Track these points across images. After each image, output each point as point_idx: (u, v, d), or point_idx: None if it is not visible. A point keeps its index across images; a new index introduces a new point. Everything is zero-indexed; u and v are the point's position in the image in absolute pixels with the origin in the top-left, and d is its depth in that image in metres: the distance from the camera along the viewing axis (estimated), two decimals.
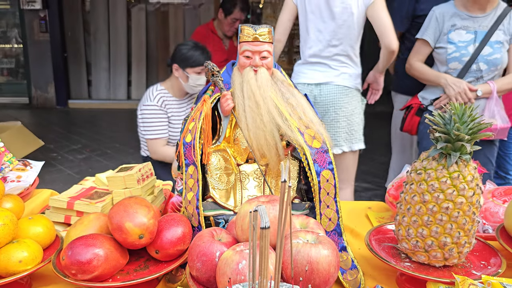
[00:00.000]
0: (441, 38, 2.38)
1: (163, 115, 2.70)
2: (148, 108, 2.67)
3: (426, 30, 2.42)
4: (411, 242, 1.02)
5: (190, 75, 2.65)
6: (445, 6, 2.39)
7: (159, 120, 2.69)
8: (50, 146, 5.28)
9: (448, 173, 0.96)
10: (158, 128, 2.69)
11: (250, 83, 1.12)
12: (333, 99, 2.43)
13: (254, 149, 1.12)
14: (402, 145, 2.98)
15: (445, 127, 0.97)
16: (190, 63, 2.64)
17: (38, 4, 7.01)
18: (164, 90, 2.75)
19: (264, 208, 0.67)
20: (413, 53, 2.53)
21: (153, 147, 2.71)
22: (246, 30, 1.13)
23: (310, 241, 0.88)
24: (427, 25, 2.42)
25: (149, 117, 2.68)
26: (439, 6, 2.41)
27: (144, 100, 2.74)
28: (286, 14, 2.52)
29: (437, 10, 2.40)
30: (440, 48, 2.39)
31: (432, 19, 2.40)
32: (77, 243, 0.93)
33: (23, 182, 1.45)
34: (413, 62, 2.52)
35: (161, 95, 2.71)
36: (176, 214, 1.08)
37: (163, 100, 2.71)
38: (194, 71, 2.65)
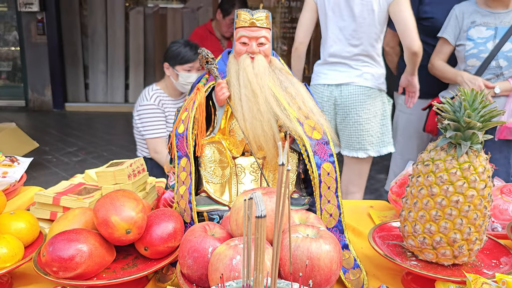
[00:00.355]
0: (461, 36, 2.36)
1: (161, 114, 2.65)
2: (146, 108, 2.63)
3: (446, 28, 2.40)
4: (418, 239, 0.96)
5: (180, 72, 2.61)
6: (465, 4, 2.38)
7: (157, 119, 2.64)
8: (45, 148, 5.21)
9: (458, 164, 0.90)
10: (157, 127, 2.64)
11: (247, 70, 1.06)
12: (354, 101, 2.34)
13: (250, 140, 1.05)
14: (403, 146, 2.91)
15: (454, 114, 0.90)
16: (179, 60, 2.61)
17: (36, 6, 6.95)
18: (159, 90, 2.70)
19: (259, 195, 0.61)
20: (435, 52, 2.49)
21: (154, 146, 2.66)
22: (243, 15, 1.07)
23: (311, 235, 0.82)
24: (447, 24, 2.40)
25: (147, 117, 2.63)
26: (460, 4, 2.39)
27: (140, 101, 2.69)
28: (307, 13, 2.43)
29: (457, 8, 2.38)
30: (460, 45, 2.37)
31: (452, 17, 2.38)
32: (59, 238, 0.86)
33: (8, 178, 1.39)
34: (435, 61, 2.48)
35: (157, 95, 2.67)
36: (167, 209, 1.02)
37: (160, 99, 2.66)
38: (183, 68, 2.61)
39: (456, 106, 0.91)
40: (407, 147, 2.89)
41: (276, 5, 8.30)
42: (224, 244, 0.78)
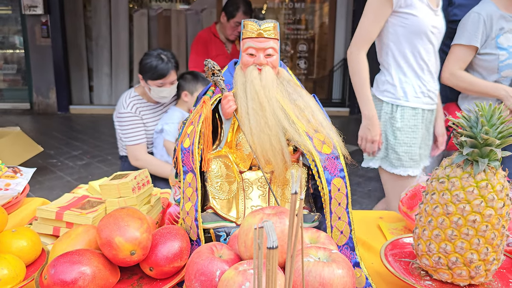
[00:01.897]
0: (488, 43, 2.17)
1: (139, 121, 2.62)
2: (124, 116, 2.60)
3: (474, 35, 2.18)
4: (433, 258, 0.92)
5: (152, 87, 2.53)
6: (488, 7, 2.17)
7: (135, 126, 2.61)
8: (50, 152, 5.20)
9: (475, 182, 0.86)
10: (136, 134, 2.62)
11: (254, 83, 1.03)
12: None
13: (258, 155, 1.02)
14: None
15: (471, 130, 0.87)
16: (150, 75, 2.52)
17: (40, 9, 6.96)
18: (137, 96, 2.64)
19: (271, 225, 0.58)
20: (453, 61, 2.27)
21: (134, 153, 2.63)
22: (250, 25, 1.04)
23: (322, 259, 0.78)
24: (475, 30, 2.17)
25: (125, 124, 2.61)
26: (483, 8, 2.17)
27: (118, 108, 2.66)
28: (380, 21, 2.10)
29: (483, 12, 2.16)
30: (488, 54, 2.19)
31: (480, 22, 2.15)
32: (61, 260, 0.83)
33: (11, 190, 1.36)
34: (455, 71, 2.26)
35: (134, 103, 2.62)
36: (173, 226, 0.99)
37: (137, 107, 2.62)
38: (154, 83, 2.52)
39: (473, 122, 0.87)
40: None
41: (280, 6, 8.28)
42: (233, 269, 0.75)
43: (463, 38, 2.22)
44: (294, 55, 8.35)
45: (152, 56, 2.54)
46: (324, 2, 8.23)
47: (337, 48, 8.17)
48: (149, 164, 2.61)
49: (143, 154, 2.63)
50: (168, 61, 2.53)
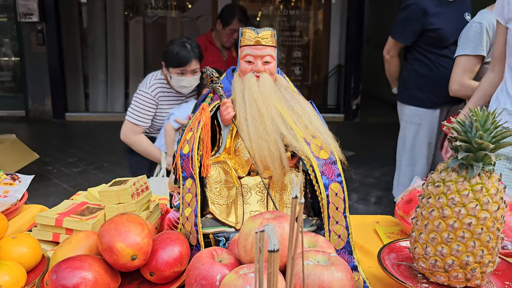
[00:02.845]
0: (491, 52, 2.17)
1: (152, 107, 2.58)
2: (141, 94, 2.56)
3: (479, 44, 2.21)
4: (429, 261, 0.94)
5: (172, 75, 2.50)
6: (488, 16, 2.21)
7: (146, 109, 2.57)
8: (46, 159, 5.19)
9: (470, 185, 0.88)
10: (142, 116, 2.58)
11: (252, 89, 1.05)
12: None
13: (256, 160, 1.04)
14: (412, 157, 2.88)
15: (465, 135, 0.89)
16: (171, 62, 2.48)
17: (36, 17, 6.96)
18: (162, 80, 2.60)
19: (272, 228, 0.59)
20: (460, 71, 2.29)
21: (129, 130, 2.60)
22: (248, 33, 1.06)
23: (321, 262, 0.80)
24: (479, 39, 2.20)
25: (139, 102, 2.56)
26: (483, 18, 2.21)
27: (142, 85, 2.61)
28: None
29: (484, 21, 2.20)
30: None
31: (483, 32, 2.19)
32: (63, 266, 0.84)
33: (10, 197, 1.37)
34: (464, 81, 2.28)
35: (157, 86, 2.57)
36: (173, 232, 1.00)
37: (158, 91, 2.57)
38: (175, 71, 2.49)
39: (467, 127, 0.89)
40: (415, 158, 2.87)
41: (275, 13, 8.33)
42: (233, 273, 0.76)
43: (468, 48, 2.24)
44: (288, 62, 8.40)
45: (176, 44, 2.49)
46: (319, 9, 8.30)
47: (332, 55, 8.22)
48: (138, 144, 2.62)
49: (136, 135, 2.61)
50: (191, 49, 2.47)
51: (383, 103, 3.82)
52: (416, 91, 2.72)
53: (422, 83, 2.71)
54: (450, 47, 2.60)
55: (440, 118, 2.75)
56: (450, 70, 2.55)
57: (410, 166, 2.87)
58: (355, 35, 7.47)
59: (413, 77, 2.74)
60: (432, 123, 2.74)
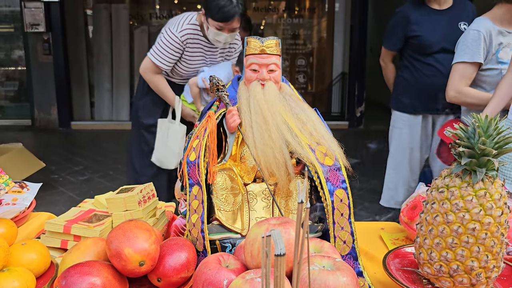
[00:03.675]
0: (489, 59, 2.21)
1: (178, 51, 2.43)
2: (170, 36, 2.40)
3: (476, 51, 2.21)
4: (434, 266, 0.94)
5: (210, 27, 2.34)
6: (485, 24, 2.22)
7: (171, 53, 2.43)
8: (51, 167, 5.22)
9: (473, 191, 0.89)
10: (165, 59, 2.45)
11: (257, 97, 1.06)
12: None
13: (262, 167, 1.05)
14: (395, 161, 2.95)
15: (468, 141, 0.90)
16: (211, 14, 2.30)
17: (42, 27, 7.05)
18: (196, 26, 2.42)
19: (278, 233, 0.60)
20: (457, 79, 2.28)
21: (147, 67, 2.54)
22: (253, 42, 1.08)
23: (327, 267, 0.80)
24: (476, 46, 2.21)
25: (164, 43, 2.42)
26: (481, 25, 2.22)
27: (172, 24, 2.43)
28: None
29: (482, 29, 2.21)
30: (490, 69, 2.23)
31: (480, 39, 2.20)
32: (72, 272, 0.85)
33: (18, 205, 1.38)
34: (461, 88, 2.28)
35: (189, 32, 2.40)
36: (180, 238, 1.01)
37: (188, 37, 2.40)
38: (214, 24, 2.32)
39: (470, 133, 0.90)
40: (398, 162, 2.93)
41: (278, 21, 8.38)
42: (240, 278, 0.77)
43: (465, 55, 2.24)
44: (293, 70, 8.44)
45: None
46: (322, 17, 8.35)
47: (336, 62, 8.25)
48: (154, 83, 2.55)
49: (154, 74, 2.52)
50: (237, 5, 2.30)
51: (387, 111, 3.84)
52: (402, 96, 2.80)
53: (407, 89, 2.79)
54: (435, 55, 2.65)
55: (424, 125, 2.79)
56: (433, 78, 2.64)
57: (394, 170, 2.95)
58: (359, 43, 7.51)
59: (400, 83, 2.84)
60: (413, 129, 2.80)
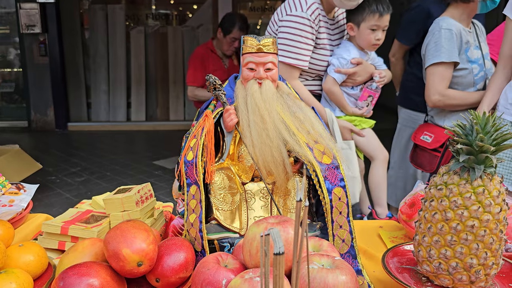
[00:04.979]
0: (461, 58, 2.17)
1: (312, 37, 1.88)
2: (295, 21, 1.83)
3: (452, 51, 2.15)
4: (433, 264, 0.94)
5: None
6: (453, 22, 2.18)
7: (305, 41, 1.87)
8: (48, 169, 5.20)
9: (472, 188, 0.89)
10: (301, 52, 1.87)
11: (255, 96, 1.06)
12: None
13: (260, 166, 1.05)
14: (405, 160, 2.92)
15: (466, 138, 0.90)
16: None
17: (38, 28, 7.02)
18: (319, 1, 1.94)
19: (277, 231, 0.60)
20: (438, 81, 2.20)
21: (288, 74, 1.95)
22: (249, 41, 1.08)
23: (326, 265, 0.80)
24: (451, 46, 2.15)
25: (293, 33, 1.83)
26: (450, 24, 2.17)
27: (287, 7, 1.91)
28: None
29: (453, 27, 2.16)
30: (462, 69, 2.20)
31: (453, 38, 2.15)
32: (70, 273, 0.84)
33: (15, 206, 1.37)
34: (444, 90, 2.20)
35: (317, 6, 1.89)
36: (178, 238, 1.00)
37: (318, 13, 1.88)
38: None
39: (468, 130, 0.90)
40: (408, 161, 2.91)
41: None
42: (239, 277, 0.77)
43: (442, 55, 2.16)
44: None
45: None
46: None
47: None
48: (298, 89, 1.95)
49: (293, 80, 1.94)
50: None
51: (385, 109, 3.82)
52: (413, 94, 2.71)
53: (419, 87, 2.71)
54: None
55: None
56: None
57: (403, 168, 2.91)
58: None
59: (411, 80, 2.76)
60: (413, 126, 2.77)
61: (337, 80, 2.05)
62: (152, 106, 8.05)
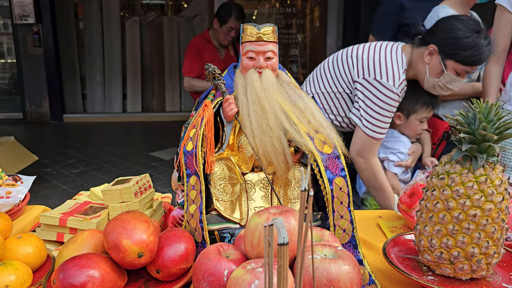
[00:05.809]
0: None
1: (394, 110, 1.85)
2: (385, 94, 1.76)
3: None
4: (435, 253, 0.94)
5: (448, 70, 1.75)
6: (450, 11, 2.20)
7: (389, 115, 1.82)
8: (44, 161, 5.17)
9: (474, 177, 0.88)
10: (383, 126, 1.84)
11: (255, 85, 1.05)
12: None
13: (260, 156, 1.04)
14: None
15: (469, 127, 0.89)
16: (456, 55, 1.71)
17: (32, 18, 6.94)
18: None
19: (281, 222, 0.59)
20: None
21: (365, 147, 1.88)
22: (249, 29, 1.06)
23: (328, 256, 0.80)
24: None
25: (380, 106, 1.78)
26: (447, 13, 2.17)
27: (379, 72, 1.78)
28: None
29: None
30: None
31: None
32: (70, 265, 0.83)
33: (12, 198, 1.36)
34: None
35: (405, 84, 1.83)
36: (178, 229, 1.00)
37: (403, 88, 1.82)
38: (456, 68, 1.74)
39: (471, 119, 0.89)
40: None
41: (271, 11, 8.32)
42: (241, 268, 0.76)
43: None
44: (286, 59, 8.39)
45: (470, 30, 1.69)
46: (315, 6, 8.29)
47: (329, 52, 8.21)
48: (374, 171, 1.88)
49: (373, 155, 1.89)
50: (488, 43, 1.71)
51: None
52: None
53: None
54: None
55: None
56: None
57: None
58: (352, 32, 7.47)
59: None
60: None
61: (398, 174, 2.04)
62: (148, 97, 8.01)
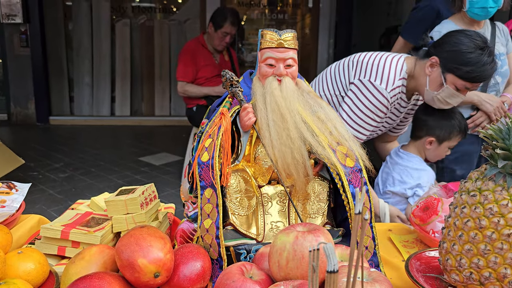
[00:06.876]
0: None
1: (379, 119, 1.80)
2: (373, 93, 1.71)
3: None
4: (464, 273, 0.90)
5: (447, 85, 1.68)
6: (451, 27, 2.21)
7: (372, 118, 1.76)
8: (30, 164, 5.03)
9: (508, 195, 0.84)
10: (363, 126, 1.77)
11: (274, 94, 1.00)
12: None
13: (279, 169, 0.98)
14: None
15: (503, 142, 0.85)
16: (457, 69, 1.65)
17: (19, 18, 6.78)
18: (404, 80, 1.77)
19: (331, 247, 0.54)
20: None
21: None
22: (269, 35, 1.01)
23: (364, 278, 0.75)
24: None
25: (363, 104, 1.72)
26: (448, 29, 2.18)
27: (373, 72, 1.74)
28: None
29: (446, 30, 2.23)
30: None
31: None
32: (80, 285, 0.77)
33: (8, 207, 1.28)
34: None
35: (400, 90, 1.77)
36: (192, 245, 0.94)
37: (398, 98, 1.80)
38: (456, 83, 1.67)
39: (505, 133, 0.86)
40: None
41: (259, 16, 8.30)
42: None
43: None
44: None
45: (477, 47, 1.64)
46: (306, 13, 8.30)
47: (320, 59, 8.22)
48: None
49: None
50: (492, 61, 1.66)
51: None
52: None
53: None
54: None
55: None
56: None
57: None
58: (344, 40, 7.49)
59: None
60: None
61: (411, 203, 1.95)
62: (137, 101, 7.88)
